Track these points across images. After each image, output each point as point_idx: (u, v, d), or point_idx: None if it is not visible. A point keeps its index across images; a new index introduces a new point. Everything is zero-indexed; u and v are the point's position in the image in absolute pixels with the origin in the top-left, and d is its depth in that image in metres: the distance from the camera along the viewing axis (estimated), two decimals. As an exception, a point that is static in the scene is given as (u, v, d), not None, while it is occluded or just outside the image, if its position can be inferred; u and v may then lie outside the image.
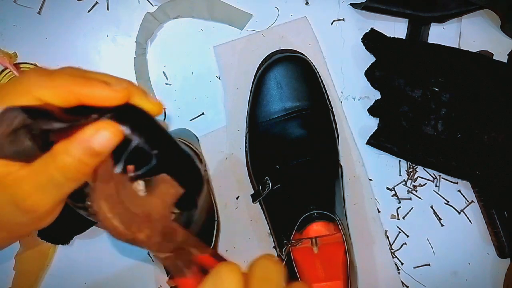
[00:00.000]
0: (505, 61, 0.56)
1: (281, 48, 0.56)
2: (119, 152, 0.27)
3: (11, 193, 0.26)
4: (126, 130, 0.26)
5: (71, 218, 0.31)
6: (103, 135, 0.25)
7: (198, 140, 0.57)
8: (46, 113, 0.25)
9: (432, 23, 0.57)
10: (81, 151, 0.25)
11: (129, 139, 0.27)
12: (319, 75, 0.55)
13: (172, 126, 0.57)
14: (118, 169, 0.27)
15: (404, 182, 0.58)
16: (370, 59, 0.56)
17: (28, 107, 0.25)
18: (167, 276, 0.52)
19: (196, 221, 0.32)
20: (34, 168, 0.26)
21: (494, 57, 0.56)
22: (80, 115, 0.26)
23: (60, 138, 0.26)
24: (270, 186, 0.51)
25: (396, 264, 0.58)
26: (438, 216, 0.58)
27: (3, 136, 0.25)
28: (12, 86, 0.26)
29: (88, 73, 0.28)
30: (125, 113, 0.27)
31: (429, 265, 0.58)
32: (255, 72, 0.55)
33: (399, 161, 0.58)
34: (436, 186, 0.58)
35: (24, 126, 0.25)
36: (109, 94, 0.26)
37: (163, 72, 0.57)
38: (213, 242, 0.53)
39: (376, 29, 0.56)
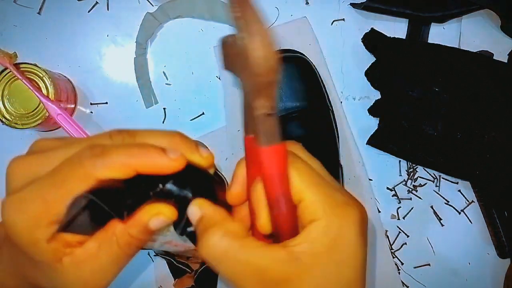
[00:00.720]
0: (505, 61, 0.56)
1: (281, 48, 0.56)
2: (180, 214, 0.27)
3: (71, 277, 0.25)
4: (187, 194, 0.27)
5: None
6: (159, 220, 0.26)
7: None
8: (110, 191, 0.25)
9: (432, 23, 0.57)
10: (140, 231, 0.26)
11: (189, 201, 0.27)
12: (319, 75, 0.54)
13: (172, 126, 0.57)
14: (178, 231, 0.28)
15: (404, 182, 0.58)
16: (370, 59, 0.56)
17: (93, 190, 0.25)
18: (174, 279, 0.52)
19: None
20: (94, 249, 0.25)
21: (494, 57, 0.56)
22: (140, 183, 0.26)
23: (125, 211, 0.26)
24: (270, 186, 0.51)
25: (396, 264, 0.58)
26: (438, 216, 0.58)
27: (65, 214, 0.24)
28: (68, 170, 0.25)
29: (138, 134, 0.27)
30: (183, 177, 0.27)
31: (429, 265, 0.58)
32: (255, 72, 0.55)
33: (399, 161, 0.58)
34: (436, 186, 0.58)
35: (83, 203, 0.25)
36: (167, 164, 0.26)
37: (163, 72, 0.57)
38: None
39: (376, 29, 0.56)
